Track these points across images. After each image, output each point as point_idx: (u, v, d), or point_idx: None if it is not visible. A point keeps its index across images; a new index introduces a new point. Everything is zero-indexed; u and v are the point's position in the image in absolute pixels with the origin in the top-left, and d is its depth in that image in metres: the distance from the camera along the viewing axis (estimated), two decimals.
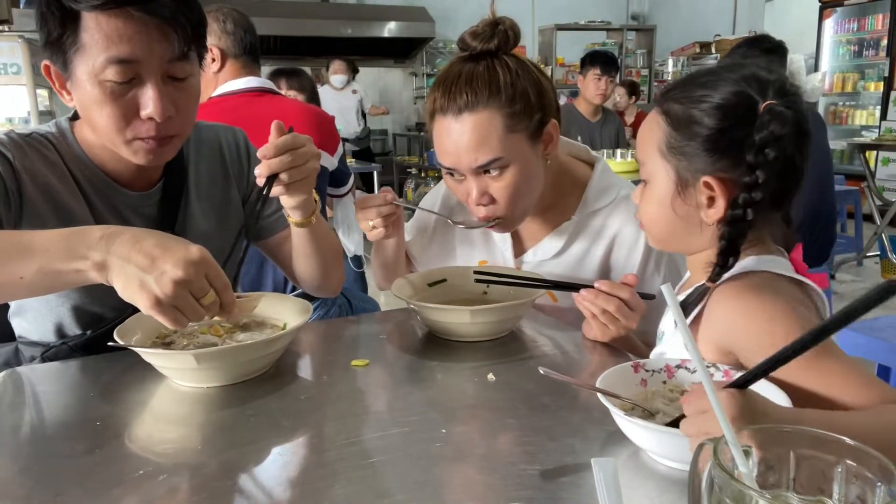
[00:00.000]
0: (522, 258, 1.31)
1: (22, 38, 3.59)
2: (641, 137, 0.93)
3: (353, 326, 1.27)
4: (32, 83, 3.66)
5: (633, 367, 0.84)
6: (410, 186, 7.39)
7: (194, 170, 1.22)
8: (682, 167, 0.87)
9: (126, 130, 0.99)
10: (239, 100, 2.02)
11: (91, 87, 0.96)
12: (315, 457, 0.76)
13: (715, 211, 0.86)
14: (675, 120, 0.87)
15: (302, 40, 6.65)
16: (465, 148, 1.11)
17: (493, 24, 1.13)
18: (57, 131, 1.10)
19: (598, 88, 4.11)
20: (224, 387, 0.93)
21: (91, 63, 0.94)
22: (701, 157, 0.85)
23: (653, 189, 0.91)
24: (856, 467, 0.48)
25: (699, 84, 0.87)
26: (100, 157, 1.09)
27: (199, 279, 0.79)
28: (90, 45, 0.93)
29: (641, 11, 8.83)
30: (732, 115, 0.83)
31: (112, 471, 0.72)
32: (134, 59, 0.94)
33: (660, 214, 0.91)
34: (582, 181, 1.28)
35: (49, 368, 1.02)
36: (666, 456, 0.71)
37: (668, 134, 0.88)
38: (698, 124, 0.85)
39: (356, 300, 2.19)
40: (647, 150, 0.91)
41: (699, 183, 0.86)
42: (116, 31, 0.92)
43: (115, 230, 0.81)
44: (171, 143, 1.04)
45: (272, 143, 0.99)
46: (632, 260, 1.24)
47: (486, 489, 0.68)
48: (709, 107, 0.84)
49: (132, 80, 0.96)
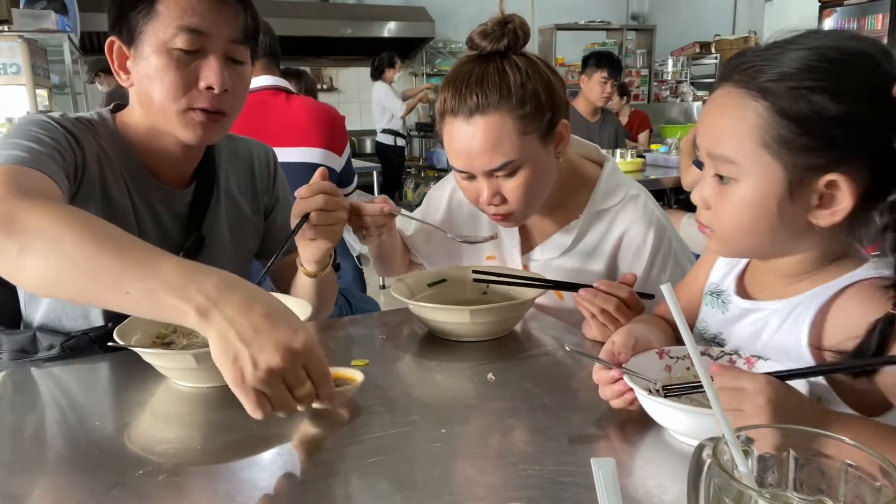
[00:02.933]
0: (530, 255, 1.32)
1: (22, 38, 3.58)
2: (723, 126, 0.77)
3: (353, 326, 1.27)
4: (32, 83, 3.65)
5: (658, 354, 0.86)
6: (410, 186, 7.39)
7: (224, 178, 1.25)
8: (797, 164, 0.72)
9: (182, 99, 1.03)
10: (253, 98, 2.03)
11: (157, 57, 1.01)
12: (315, 457, 0.76)
13: (833, 212, 0.73)
14: (785, 107, 0.71)
15: (302, 40, 6.64)
16: (478, 151, 1.11)
17: (503, 22, 1.11)
18: (99, 119, 1.12)
19: (603, 91, 4.10)
20: (224, 387, 0.92)
21: (163, 31, 1.00)
22: (825, 151, 0.71)
23: (743, 190, 0.75)
24: (856, 467, 0.48)
25: (803, 65, 0.71)
26: (140, 148, 1.12)
27: (296, 369, 0.70)
28: (164, 14, 1.00)
29: (641, 11, 8.82)
30: (866, 99, 0.69)
31: (112, 471, 0.72)
32: (204, 30, 1.01)
33: (754, 219, 0.76)
34: (591, 180, 1.29)
35: (49, 368, 1.02)
36: (690, 435, 0.74)
37: (774, 124, 0.72)
38: (821, 112, 0.70)
39: (356, 300, 2.20)
40: (736, 143, 0.75)
41: (819, 182, 0.72)
42: (191, 4, 1.00)
43: (231, 281, 0.73)
44: (221, 122, 1.08)
45: (311, 185, 1.04)
46: (639, 259, 1.24)
47: (486, 489, 0.68)
48: (832, 89, 0.69)
49: (197, 51, 1.02)
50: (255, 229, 1.31)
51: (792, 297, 0.80)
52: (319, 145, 2.11)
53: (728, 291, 0.90)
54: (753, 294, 0.87)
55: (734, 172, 0.76)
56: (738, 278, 0.91)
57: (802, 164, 0.72)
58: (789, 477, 0.51)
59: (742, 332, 0.86)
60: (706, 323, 0.93)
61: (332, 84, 7.65)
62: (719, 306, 0.91)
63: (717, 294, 0.92)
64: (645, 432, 0.78)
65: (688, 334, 0.61)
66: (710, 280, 0.96)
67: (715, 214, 0.79)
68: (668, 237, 1.25)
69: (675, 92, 7.63)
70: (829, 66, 0.71)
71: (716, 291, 0.93)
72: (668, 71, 7.75)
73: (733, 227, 0.78)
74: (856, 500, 0.48)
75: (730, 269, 0.93)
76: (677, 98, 7.54)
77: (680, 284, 1.05)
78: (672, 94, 7.65)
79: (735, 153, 0.75)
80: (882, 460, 0.46)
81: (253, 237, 1.31)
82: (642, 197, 1.27)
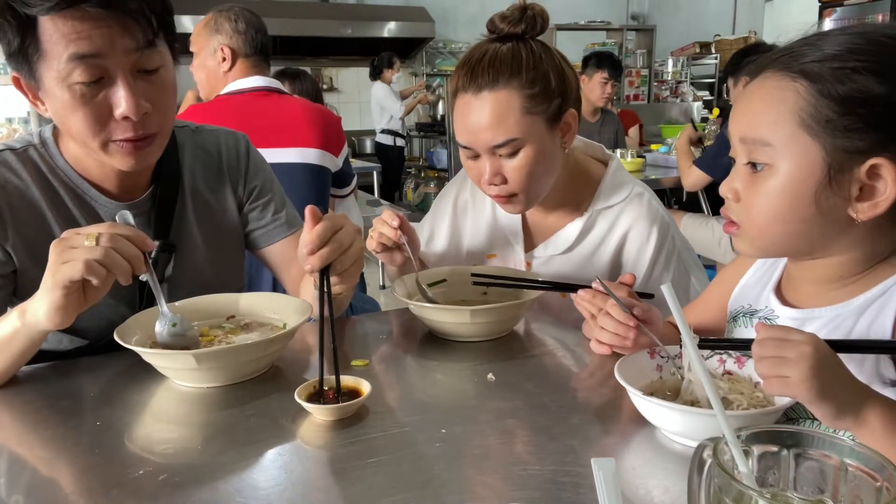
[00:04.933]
0: (533, 253, 1.32)
1: None
2: (759, 108, 0.73)
3: (353, 326, 1.27)
4: None
5: (650, 353, 0.86)
6: (410, 186, 7.39)
7: (190, 176, 1.18)
8: (837, 146, 0.68)
9: (101, 134, 0.96)
10: (245, 98, 2.02)
11: (61, 93, 0.93)
12: (315, 457, 0.76)
13: (874, 204, 0.69)
14: (827, 85, 0.68)
15: (302, 40, 6.64)
16: (483, 126, 1.13)
17: (523, 8, 1.14)
18: (40, 142, 1.08)
19: (604, 92, 4.11)
20: (224, 387, 0.93)
21: (56, 67, 0.91)
22: (868, 133, 0.67)
23: (778, 175, 0.71)
24: (856, 467, 0.48)
25: (847, 47, 0.69)
26: (83, 166, 1.07)
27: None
28: (51, 48, 0.91)
29: (641, 11, 8.82)
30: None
31: (112, 471, 0.72)
32: (96, 53, 0.91)
33: (788, 208, 0.72)
34: (595, 178, 1.29)
35: (49, 368, 1.02)
36: (682, 434, 0.74)
37: (815, 104, 0.68)
38: (865, 92, 0.67)
39: (356, 300, 2.19)
40: (773, 124, 0.71)
41: (860, 168, 0.68)
42: (74, 29, 0.90)
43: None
44: (153, 142, 1.01)
45: (315, 234, 0.88)
46: (642, 257, 1.24)
47: (486, 489, 0.68)
48: (878, 70, 0.67)
49: (101, 79, 0.93)
50: (233, 225, 1.24)
51: (849, 299, 0.77)
52: (315, 145, 2.10)
53: (770, 307, 0.86)
54: (797, 305, 0.83)
55: (769, 156, 0.71)
56: (776, 291, 0.86)
57: (843, 146, 0.68)
58: (789, 477, 0.51)
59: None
60: None
61: (332, 84, 7.65)
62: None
63: (752, 314, 0.89)
64: (645, 432, 0.78)
65: (688, 333, 0.62)
66: (738, 304, 0.92)
67: (744, 207, 0.75)
68: (672, 236, 1.26)
69: (675, 92, 7.63)
70: (874, 49, 0.68)
71: (749, 312, 0.89)
72: (668, 71, 7.74)
73: (764, 218, 0.73)
74: (856, 500, 0.48)
75: (763, 286, 0.89)
76: (677, 98, 7.54)
77: (695, 302, 1.05)
78: (672, 94, 7.64)
79: (772, 134, 0.71)
80: (883, 460, 0.46)
81: (231, 234, 1.24)
82: (646, 195, 1.27)
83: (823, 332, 0.78)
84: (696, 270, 1.34)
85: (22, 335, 0.91)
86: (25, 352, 0.94)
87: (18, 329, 0.91)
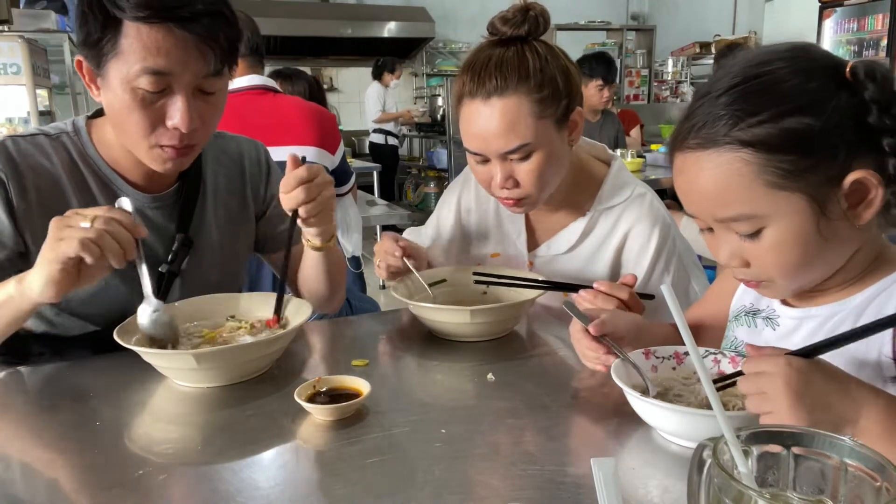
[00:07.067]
0: (536, 252, 1.32)
1: (22, 38, 3.58)
2: (719, 187, 0.73)
3: (353, 326, 1.27)
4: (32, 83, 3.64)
5: (644, 354, 0.86)
6: (410, 186, 7.39)
7: (212, 178, 1.22)
8: (813, 183, 0.70)
9: (150, 137, 1.00)
10: (240, 98, 2.02)
11: (122, 93, 0.97)
12: (315, 457, 0.76)
13: (868, 203, 0.71)
14: (769, 143, 0.69)
15: (302, 40, 6.64)
16: (494, 133, 1.11)
17: (525, 9, 1.13)
18: (73, 130, 1.11)
19: (601, 97, 4.05)
20: (224, 387, 0.93)
21: (126, 69, 0.95)
22: (832, 160, 0.70)
23: (777, 232, 0.73)
24: (856, 467, 0.48)
25: (758, 93, 0.71)
26: (113, 157, 1.10)
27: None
28: (128, 52, 0.94)
29: (641, 11, 8.82)
30: (832, 92, 0.69)
31: (112, 471, 0.72)
32: (168, 71, 0.95)
33: (802, 254, 0.73)
34: (598, 178, 1.29)
35: (49, 368, 1.03)
36: (678, 435, 0.74)
37: (768, 163, 0.70)
38: (802, 127, 0.69)
39: (356, 300, 2.19)
40: (745, 199, 0.72)
41: (841, 188, 0.70)
42: (155, 43, 0.93)
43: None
44: (191, 152, 1.06)
45: (292, 176, 1.01)
46: (643, 257, 1.24)
47: (486, 489, 0.68)
48: (801, 105, 0.69)
49: (163, 90, 0.97)
50: (247, 229, 1.28)
51: (849, 297, 0.78)
52: (311, 143, 2.10)
53: (771, 306, 0.87)
54: (798, 304, 0.84)
55: (758, 223, 0.73)
56: None
57: (818, 181, 0.70)
58: (789, 477, 0.51)
59: (801, 344, 0.78)
60: (741, 342, 0.90)
61: (332, 84, 7.66)
62: (767, 324, 0.87)
63: (754, 314, 0.89)
64: (645, 432, 0.78)
65: (688, 334, 0.61)
66: (741, 303, 0.93)
67: (759, 268, 0.76)
68: (673, 236, 1.26)
69: (676, 92, 7.63)
70: (773, 86, 0.70)
71: (751, 311, 0.90)
72: (668, 71, 7.75)
73: (786, 270, 0.75)
74: (855, 501, 0.48)
75: None
76: (677, 98, 7.54)
77: (698, 302, 1.05)
78: (672, 94, 7.65)
79: (749, 207, 0.72)
80: (883, 460, 0.46)
81: (244, 238, 1.28)
82: (648, 196, 1.27)
83: (823, 330, 0.79)
84: (696, 272, 1.34)
85: (14, 303, 0.94)
86: (12, 321, 0.97)
87: (12, 297, 0.93)
